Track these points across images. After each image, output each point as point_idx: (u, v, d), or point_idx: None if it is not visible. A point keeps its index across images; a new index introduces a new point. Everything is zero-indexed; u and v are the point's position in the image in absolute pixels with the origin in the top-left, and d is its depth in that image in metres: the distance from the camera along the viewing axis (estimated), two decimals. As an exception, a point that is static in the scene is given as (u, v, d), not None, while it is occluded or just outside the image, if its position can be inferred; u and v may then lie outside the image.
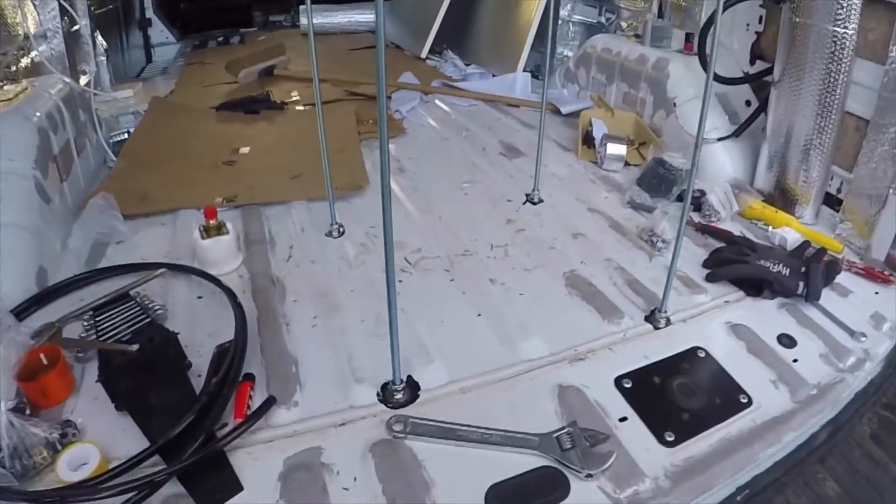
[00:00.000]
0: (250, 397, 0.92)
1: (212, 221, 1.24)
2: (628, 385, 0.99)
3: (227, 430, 0.85)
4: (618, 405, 0.95)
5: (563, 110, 2.16)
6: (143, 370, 0.91)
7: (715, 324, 1.15)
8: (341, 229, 1.41)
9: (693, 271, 1.28)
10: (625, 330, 1.11)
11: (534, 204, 1.55)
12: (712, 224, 1.46)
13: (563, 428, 0.87)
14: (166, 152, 1.79)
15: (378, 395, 0.95)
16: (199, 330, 1.08)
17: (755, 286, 1.22)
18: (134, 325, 1.04)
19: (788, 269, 1.21)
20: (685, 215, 1.04)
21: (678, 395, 0.98)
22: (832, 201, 1.48)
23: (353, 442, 0.87)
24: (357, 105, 2.17)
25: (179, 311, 1.13)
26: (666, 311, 1.13)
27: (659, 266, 1.30)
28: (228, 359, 0.94)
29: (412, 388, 0.96)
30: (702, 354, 1.08)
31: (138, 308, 1.10)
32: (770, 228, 1.44)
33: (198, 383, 0.94)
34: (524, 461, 0.84)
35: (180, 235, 1.37)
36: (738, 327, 1.13)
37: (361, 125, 2.00)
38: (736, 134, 1.65)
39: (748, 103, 1.71)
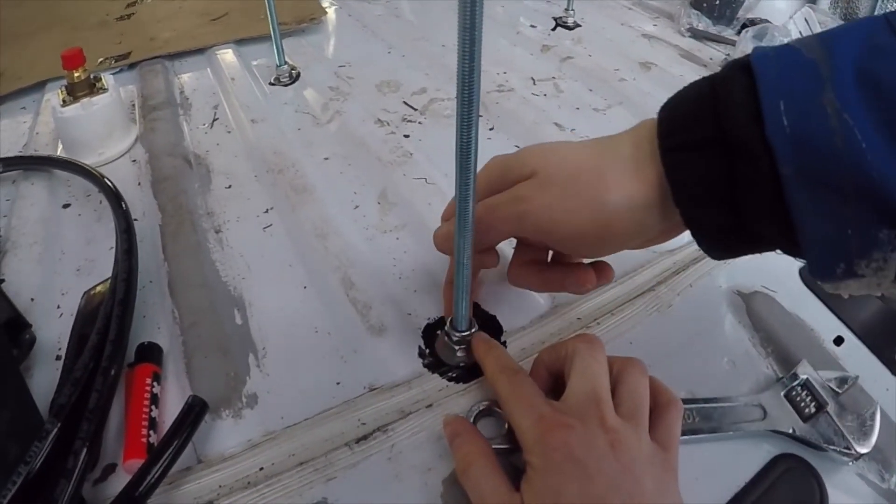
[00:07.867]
0: (153, 401, 0.45)
1: (77, 74, 0.71)
2: (820, 282, 0.61)
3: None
4: (818, 315, 0.58)
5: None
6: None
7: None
8: (294, 72, 0.89)
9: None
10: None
11: (569, 29, 1.06)
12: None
13: (792, 376, 0.48)
14: (32, 18, 1.14)
15: (422, 353, 0.51)
16: (62, 265, 0.59)
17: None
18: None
19: None
20: None
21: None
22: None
23: (393, 468, 0.44)
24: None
25: (29, 235, 0.63)
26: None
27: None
28: (103, 316, 0.47)
29: (490, 330, 0.52)
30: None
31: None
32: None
33: (49, 377, 0.48)
34: (731, 452, 0.46)
35: (45, 116, 0.83)
36: None
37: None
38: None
39: None
